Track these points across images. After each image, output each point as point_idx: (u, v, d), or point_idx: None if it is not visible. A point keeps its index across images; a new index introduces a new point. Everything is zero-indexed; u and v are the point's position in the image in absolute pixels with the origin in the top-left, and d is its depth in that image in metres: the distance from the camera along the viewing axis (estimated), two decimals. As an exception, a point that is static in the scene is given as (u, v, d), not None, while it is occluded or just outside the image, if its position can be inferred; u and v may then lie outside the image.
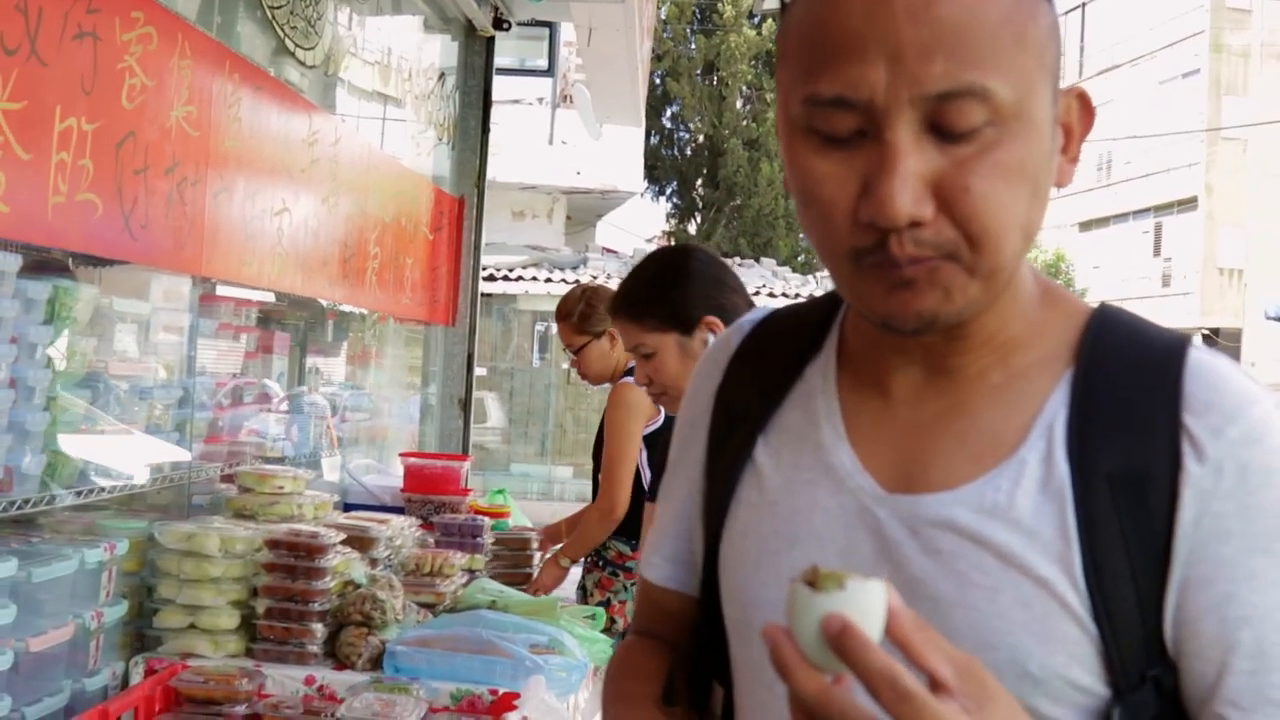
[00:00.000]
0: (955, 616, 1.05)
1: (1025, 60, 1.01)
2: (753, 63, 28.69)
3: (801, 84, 1.03)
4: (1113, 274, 34.30)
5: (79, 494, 2.98)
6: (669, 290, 2.71)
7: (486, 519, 4.48)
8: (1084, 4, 36.69)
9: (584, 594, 4.56)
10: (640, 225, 41.94)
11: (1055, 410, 1.09)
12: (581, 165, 18.19)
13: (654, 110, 29.91)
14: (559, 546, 4.56)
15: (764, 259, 21.83)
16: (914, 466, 1.13)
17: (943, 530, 1.08)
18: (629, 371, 4.64)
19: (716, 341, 1.37)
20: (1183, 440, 1.04)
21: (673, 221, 33.12)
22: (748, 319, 1.36)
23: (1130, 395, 1.08)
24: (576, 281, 17.31)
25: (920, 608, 1.05)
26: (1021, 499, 1.06)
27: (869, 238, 1.01)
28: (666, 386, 2.75)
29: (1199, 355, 1.09)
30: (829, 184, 1.02)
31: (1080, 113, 1.11)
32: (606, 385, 4.67)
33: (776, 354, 1.28)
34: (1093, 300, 1.19)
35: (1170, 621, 1.04)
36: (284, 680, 3.10)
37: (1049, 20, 1.05)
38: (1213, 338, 31.89)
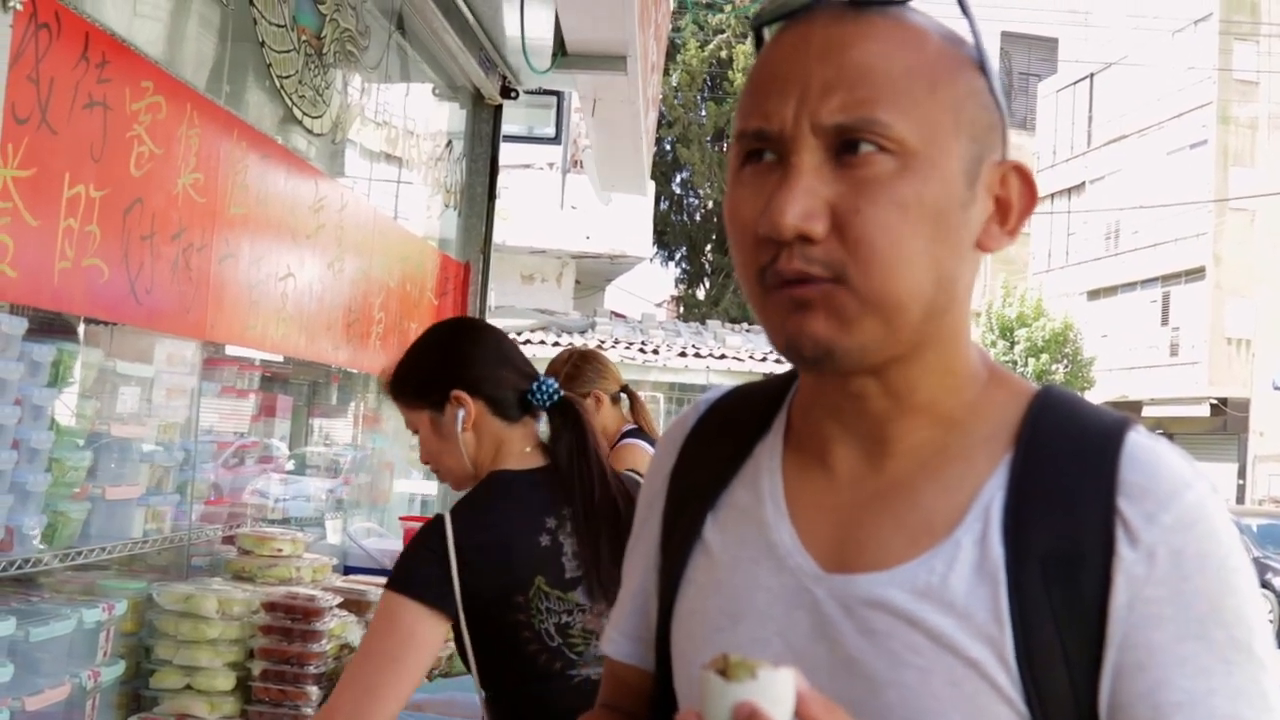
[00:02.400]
0: (888, 695, 1.07)
1: (935, 109, 1.06)
2: (762, 130, 28.87)
3: (739, 123, 1.11)
4: (1120, 343, 34.28)
5: (79, 554, 3.00)
6: (416, 367, 2.61)
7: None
8: (1092, 75, 36.93)
9: None
10: (649, 290, 42.05)
11: (993, 492, 1.10)
12: (591, 230, 18.31)
13: (664, 176, 30.13)
14: None
15: (771, 325, 21.85)
16: (851, 546, 1.14)
17: (877, 610, 1.09)
18: (626, 434, 4.66)
19: (675, 421, 1.39)
20: (1116, 525, 1.05)
21: (681, 286, 33.24)
22: (705, 399, 1.38)
23: (1067, 478, 1.08)
24: (585, 345, 17.41)
25: (855, 686, 1.08)
26: (955, 581, 1.07)
27: (767, 254, 1.06)
28: (434, 463, 2.62)
29: (1136, 439, 1.09)
30: (743, 206, 1.09)
31: (1021, 187, 1.14)
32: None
33: (729, 432, 1.30)
34: (1039, 383, 1.21)
35: (1105, 706, 1.04)
36: (278, 743, 3.11)
37: (974, 86, 1.11)
38: (1221, 407, 31.81)
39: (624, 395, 4.78)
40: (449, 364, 2.57)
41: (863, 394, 1.14)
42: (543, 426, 2.63)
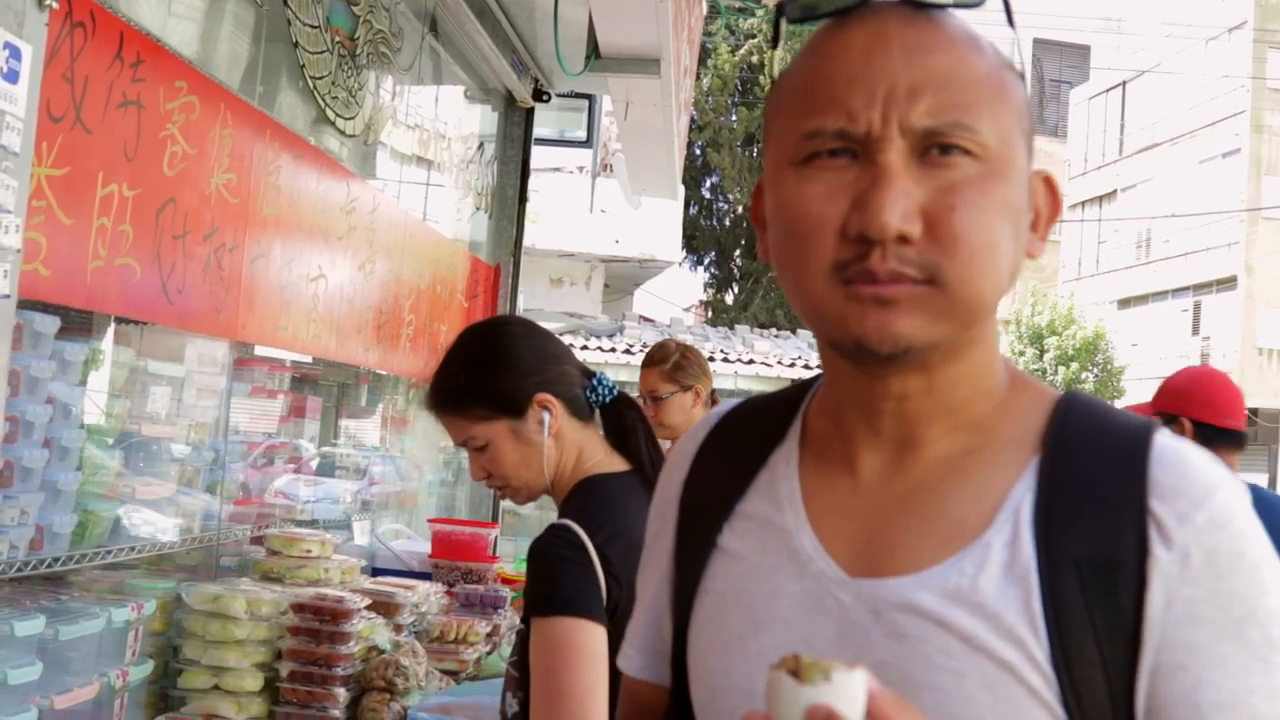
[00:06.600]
0: (922, 699, 1.05)
1: (1006, 115, 1.09)
2: (793, 135, 28.83)
3: (801, 122, 1.09)
4: (1151, 352, 34.06)
5: (108, 553, 3.00)
6: (489, 374, 2.35)
7: (508, 590, 4.48)
8: (1124, 83, 36.74)
9: None
10: (678, 294, 42.04)
11: (1022, 495, 1.10)
12: (620, 234, 18.28)
13: (694, 181, 30.10)
14: None
15: (800, 330, 21.86)
16: (877, 549, 1.13)
17: (906, 614, 1.08)
18: None
19: (686, 434, 1.38)
20: (1149, 526, 1.05)
21: (710, 291, 33.22)
22: (716, 411, 1.37)
23: (1097, 482, 1.08)
24: (613, 349, 17.41)
25: None
26: (985, 583, 1.06)
27: (852, 251, 1.05)
28: (507, 479, 2.37)
29: (1165, 441, 1.10)
30: (818, 202, 1.07)
31: (1047, 195, 1.17)
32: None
33: (742, 443, 1.30)
34: (1061, 388, 1.20)
35: (1142, 708, 1.04)
36: (305, 744, 3.11)
37: (1022, 94, 1.13)
38: (1251, 418, 31.59)
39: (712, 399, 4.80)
40: (528, 366, 2.37)
41: (904, 394, 1.14)
42: None
